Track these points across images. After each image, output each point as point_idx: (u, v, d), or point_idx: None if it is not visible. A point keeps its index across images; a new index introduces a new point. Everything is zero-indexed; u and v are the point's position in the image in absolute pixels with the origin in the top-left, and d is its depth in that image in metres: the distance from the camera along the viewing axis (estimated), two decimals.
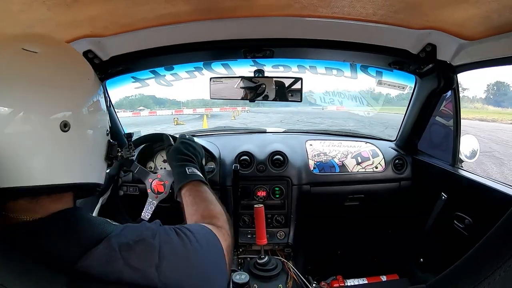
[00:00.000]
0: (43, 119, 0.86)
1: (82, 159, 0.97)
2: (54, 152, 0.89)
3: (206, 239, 1.03)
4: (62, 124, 0.88)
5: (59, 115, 0.88)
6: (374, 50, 2.02)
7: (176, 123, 23.70)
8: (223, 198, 2.57)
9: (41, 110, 0.85)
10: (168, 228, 0.98)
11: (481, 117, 28.67)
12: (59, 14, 1.50)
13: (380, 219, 3.01)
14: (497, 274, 0.66)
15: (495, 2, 1.32)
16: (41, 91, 0.86)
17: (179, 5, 1.60)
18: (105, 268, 0.81)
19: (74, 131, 0.91)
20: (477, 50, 1.79)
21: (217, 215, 1.29)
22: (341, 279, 2.66)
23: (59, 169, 0.91)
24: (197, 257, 0.95)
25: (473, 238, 1.05)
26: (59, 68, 0.94)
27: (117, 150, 1.15)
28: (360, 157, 2.78)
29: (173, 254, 0.90)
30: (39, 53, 0.90)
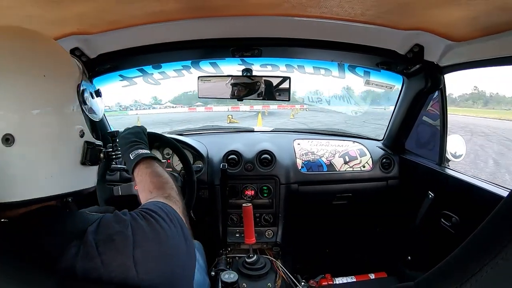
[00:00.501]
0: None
1: (39, 171, 0.87)
2: (2, 169, 0.81)
3: (165, 214, 1.00)
4: (3, 139, 0.79)
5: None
6: (362, 50, 2.04)
7: (229, 121, 22.39)
8: (211, 197, 2.57)
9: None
10: (135, 214, 0.94)
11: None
12: (47, 11, 1.48)
13: (368, 218, 3.03)
14: (484, 271, 0.66)
15: (482, 4, 1.33)
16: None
17: (169, 3, 1.59)
18: (86, 265, 0.80)
19: (21, 144, 0.82)
20: (464, 51, 1.81)
21: (163, 185, 1.28)
22: (329, 278, 2.67)
23: (10, 186, 0.83)
24: (167, 238, 0.94)
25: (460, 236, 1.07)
26: (2, 74, 0.82)
27: (99, 150, 1.05)
28: (348, 156, 2.79)
29: (145, 241, 0.88)
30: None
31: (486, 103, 41.42)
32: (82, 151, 0.99)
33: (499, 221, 0.75)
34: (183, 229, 1.02)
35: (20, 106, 0.82)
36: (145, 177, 1.35)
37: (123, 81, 2.53)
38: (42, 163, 0.87)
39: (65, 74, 0.97)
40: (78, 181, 0.99)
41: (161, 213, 0.99)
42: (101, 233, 0.86)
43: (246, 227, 2.25)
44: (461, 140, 2.40)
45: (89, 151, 1.00)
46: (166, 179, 1.33)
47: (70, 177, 0.96)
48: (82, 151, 0.99)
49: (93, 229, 0.86)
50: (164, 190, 1.24)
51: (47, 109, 0.87)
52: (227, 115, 25.12)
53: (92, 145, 1.01)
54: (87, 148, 0.99)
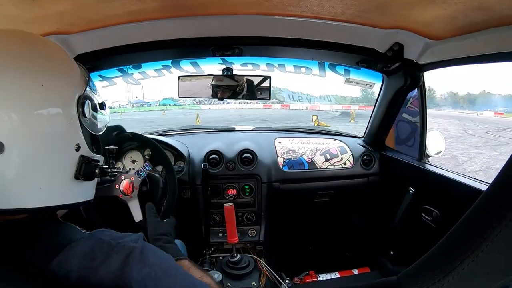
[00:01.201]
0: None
1: (28, 182, 0.85)
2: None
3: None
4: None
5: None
6: (342, 49, 2.05)
7: (316, 123, 19.87)
8: (193, 197, 2.56)
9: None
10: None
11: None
12: (25, 10, 1.45)
13: (350, 214, 3.06)
14: (465, 263, 0.68)
15: (461, 4, 1.35)
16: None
17: (148, 2, 1.58)
18: (83, 271, 0.80)
19: (11, 153, 0.80)
20: (442, 50, 1.84)
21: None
22: (313, 274, 2.69)
23: (3, 194, 0.82)
24: (182, 273, 0.97)
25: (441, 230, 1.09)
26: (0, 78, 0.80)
27: (95, 166, 1.02)
28: (329, 153, 2.81)
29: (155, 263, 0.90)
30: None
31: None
32: (77, 165, 0.95)
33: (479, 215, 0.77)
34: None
35: (12, 113, 0.80)
36: (194, 272, 1.31)
37: (103, 81, 2.50)
38: (32, 174, 0.85)
39: (65, 84, 0.93)
40: (69, 195, 0.96)
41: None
42: (105, 236, 0.90)
43: (228, 226, 2.24)
44: (440, 137, 2.44)
45: (84, 166, 0.96)
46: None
47: (61, 191, 0.93)
48: (76, 165, 0.95)
49: (94, 234, 0.91)
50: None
51: (40, 119, 0.85)
52: (312, 115, 24.78)
53: (88, 160, 0.98)
54: (81, 163, 0.96)
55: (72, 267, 0.80)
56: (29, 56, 0.87)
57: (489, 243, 0.65)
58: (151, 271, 0.87)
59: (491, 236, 0.65)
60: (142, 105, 40.90)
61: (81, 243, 0.85)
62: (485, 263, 0.67)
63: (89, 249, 0.84)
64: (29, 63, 0.85)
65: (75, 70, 0.98)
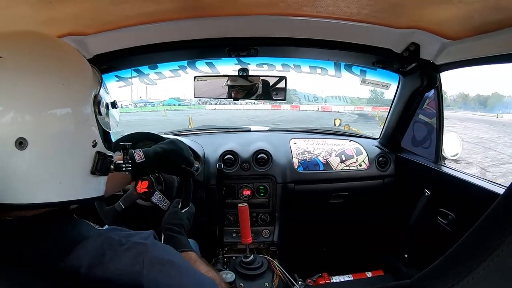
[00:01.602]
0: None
1: (49, 177, 0.87)
2: (12, 171, 0.81)
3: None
4: (17, 142, 0.80)
5: (13, 131, 0.80)
6: (358, 49, 2.04)
7: (346, 128, 18.11)
8: (208, 197, 2.57)
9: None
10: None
11: None
12: (42, 11, 1.47)
13: (364, 216, 3.04)
14: (481, 267, 0.67)
15: (477, 3, 1.34)
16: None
17: (163, 3, 1.59)
18: (92, 267, 0.81)
19: (34, 148, 0.82)
20: (459, 50, 1.82)
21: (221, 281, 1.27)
22: (326, 276, 2.68)
23: (22, 188, 0.84)
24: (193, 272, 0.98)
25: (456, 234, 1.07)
26: (19, 75, 0.82)
27: (109, 161, 1.04)
28: (344, 155, 2.80)
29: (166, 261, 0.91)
30: (2, 58, 0.81)
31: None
32: (93, 161, 0.98)
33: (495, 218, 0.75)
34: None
35: (36, 111, 0.82)
36: (199, 266, 1.34)
37: (119, 81, 2.53)
38: (53, 169, 0.87)
39: (83, 84, 0.96)
40: (85, 189, 0.99)
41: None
42: (115, 235, 0.90)
43: (242, 227, 2.24)
44: (457, 139, 2.41)
45: (100, 162, 0.99)
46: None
47: (78, 185, 0.96)
48: (93, 161, 0.98)
49: (105, 231, 0.92)
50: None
51: (62, 116, 0.87)
52: (335, 119, 24.00)
53: (104, 155, 1.00)
54: (98, 158, 0.98)
55: (82, 263, 0.81)
56: (48, 56, 0.90)
57: (505, 247, 0.64)
58: (162, 269, 0.88)
59: (507, 240, 0.64)
60: (145, 105, 40.54)
61: (91, 240, 0.86)
62: (500, 267, 0.66)
63: (99, 246, 0.85)
64: (49, 63, 0.88)
65: (89, 70, 1.01)
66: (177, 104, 41.20)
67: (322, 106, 38.01)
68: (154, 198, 1.96)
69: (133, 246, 0.88)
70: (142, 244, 0.89)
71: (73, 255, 0.81)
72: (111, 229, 0.92)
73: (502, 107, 38.68)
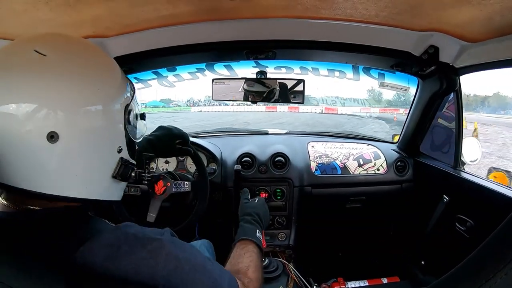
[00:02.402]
0: (31, 128, 0.83)
1: (75, 172, 0.91)
2: (43, 162, 0.86)
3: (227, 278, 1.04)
4: (48, 136, 0.84)
5: (47, 124, 0.84)
6: (377, 52, 2.02)
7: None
8: (224, 199, 2.57)
9: (28, 119, 0.82)
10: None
11: None
12: (62, 14, 1.50)
13: (381, 221, 3.01)
14: (498, 276, 0.66)
15: (497, 4, 1.32)
16: (33, 98, 0.83)
17: (181, 6, 1.60)
18: (107, 260, 0.83)
19: (64, 144, 0.86)
20: (479, 52, 1.79)
21: (253, 278, 1.25)
22: (342, 281, 2.65)
23: (49, 180, 0.88)
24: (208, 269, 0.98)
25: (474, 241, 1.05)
26: (61, 75, 0.88)
27: (131, 169, 1.09)
28: (362, 159, 2.78)
29: (182, 258, 0.92)
30: (48, 57, 0.87)
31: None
32: (116, 165, 1.03)
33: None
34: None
35: (69, 110, 0.87)
36: (248, 259, 1.34)
37: (138, 83, 2.55)
38: (79, 166, 0.92)
39: (117, 92, 1.02)
40: (105, 192, 1.03)
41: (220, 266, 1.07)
42: (132, 229, 0.93)
43: None
44: (476, 143, 2.37)
45: (122, 167, 1.03)
46: (260, 281, 1.30)
47: (99, 186, 1.00)
48: (116, 165, 1.03)
49: (121, 226, 0.93)
50: (251, 282, 1.22)
51: (93, 117, 0.92)
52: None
53: (126, 162, 1.05)
54: (121, 164, 1.03)
55: (96, 257, 0.82)
56: (89, 62, 0.98)
57: None
58: (177, 265, 0.89)
59: None
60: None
61: (107, 234, 0.88)
62: None
63: (115, 239, 0.87)
64: (89, 69, 0.96)
65: (124, 82, 1.07)
66: (161, 106, 40.81)
67: (327, 107, 36.87)
68: (175, 189, 1.97)
69: (149, 241, 0.89)
70: (158, 240, 0.90)
71: (87, 247, 0.83)
72: (127, 225, 0.94)
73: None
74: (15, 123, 0.81)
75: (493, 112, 38.00)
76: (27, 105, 0.82)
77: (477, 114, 36.28)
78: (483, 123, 22.48)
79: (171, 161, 2.57)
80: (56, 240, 0.84)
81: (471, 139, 2.37)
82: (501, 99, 43.60)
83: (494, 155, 14.11)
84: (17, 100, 0.83)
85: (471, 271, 0.78)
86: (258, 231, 1.51)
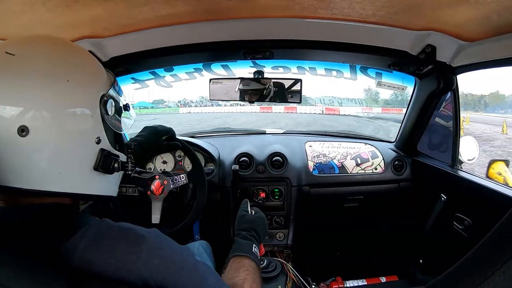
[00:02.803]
0: (1, 123, 0.84)
1: (48, 166, 0.91)
2: (16, 156, 0.86)
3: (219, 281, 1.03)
4: (19, 130, 0.84)
5: (17, 119, 0.84)
6: (374, 51, 2.03)
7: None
8: (222, 199, 2.57)
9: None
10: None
11: None
12: (60, 15, 1.50)
13: (379, 220, 3.01)
14: (497, 275, 0.66)
15: (494, 3, 1.32)
16: (1, 95, 0.85)
17: (179, 6, 1.60)
18: (87, 248, 0.83)
19: (35, 137, 0.86)
20: (476, 51, 1.79)
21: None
22: (340, 280, 2.66)
23: (27, 175, 0.89)
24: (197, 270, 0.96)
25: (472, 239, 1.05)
26: (26, 70, 0.88)
27: (114, 160, 1.07)
28: (360, 158, 2.78)
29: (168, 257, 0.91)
30: (15, 56, 0.88)
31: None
32: (96, 157, 1.01)
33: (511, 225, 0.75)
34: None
35: (38, 103, 0.87)
36: (244, 274, 1.28)
37: (135, 83, 2.55)
38: (52, 159, 0.90)
39: (89, 83, 1.00)
40: (89, 185, 1.02)
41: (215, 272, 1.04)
42: (113, 224, 0.91)
43: None
44: (474, 142, 2.38)
45: (103, 158, 1.01)
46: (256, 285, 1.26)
47: (80, 179, 0.99)
48: (96, 157, 1.01)
49: (103, 221, 0.91)
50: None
51: (63, 110, 0.91)
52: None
53: (107, 152, 1.04)
54: (101, 155, 1.01)
55: (78, 249, 0.82)
56: (60, 57, 0.98)
57: None
58: (161, 263, 0.88)
59: None
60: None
61: (92, 225, 0.88)
62: None
63: (98, 231, 0.87)
64: (59, 63, 0.95)
65: (100, 72, 1.08)
66: (150, 106, 39.97)
67: (328, 107, 36.15)
68: (172, 185, 1.96)
69: (133, 236, 0.88)
70: (142, 236, 0.89)
71: (71, 240, 0.83)
72: (111, 220, 0.93)
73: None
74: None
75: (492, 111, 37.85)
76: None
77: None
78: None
79: (169, 161, 2.57)
80: (41, 235, 0.84)
81: (468, 138, 2.37)
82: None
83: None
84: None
85: (470, 269, 0.78)
86: (254, 246, 1.46)
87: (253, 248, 1.43)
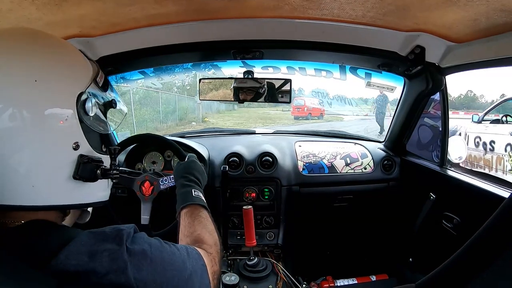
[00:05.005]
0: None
1: (19, 178, 0.82)
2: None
3: (188, 251, 0.99)
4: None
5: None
6: (363, 52, 2.04)
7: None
8: (212, 199, 2.55)
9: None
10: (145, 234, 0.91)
11: None
12: (48, 13, 1.48)
13: (369, 220, 3.03)
14: (485, 272, 0.67)
15: (483, 5, 1.33)
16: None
17: (169, 6, 1.59)
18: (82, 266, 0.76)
19: (2, 147, 0.78)
20: (465, 53, 1.82)
21: (211, 243, 1.20)
22: (331, 280, 2.67)
23: (5, 189, 0.81)
24: (174, 259, 0.91)
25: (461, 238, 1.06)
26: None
27: (96, 166, 0.96)
28: (349, 158, 2.79)
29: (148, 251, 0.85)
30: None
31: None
32: (76, 165, 0.91)
33: (500, 223, 0.75)
34: (202, 273, 0.99)
35: (2, 106, 0.78)
36: (197, 224, 1.30)
37: (125, 83, 2.54)
38: (22, 170, 0.83)
39: (63, 80, 0.90)
40: (73, 195, 0.93)
41: (183, 249, 0.98)
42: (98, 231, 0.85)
43: (247, 229, 2.23)
44: (462, 142, 2.40)
45: (82, 166, 0.92)
46: (218, 241, 1.27)
47: (58, 191, 0.90)
48: (75, 165, 0.91)
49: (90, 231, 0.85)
50: (210, 247, 1.18)
51: (32, 114, 0.82)
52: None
53: (87, 159, 0.94)
54: (79, 163, 0.92)
55: (71, 261, 0.75)
56: (28, 53, 0.86)
57: (509, 251, 0.64)
58: (142, 260, 0.83)
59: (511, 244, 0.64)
60: None
61: (77, 238, 0.81)
62: (505, 271, 0.66)
63: (86, 238, 0.81)
64: (26, 60, 0.84)
65: (77, 67, 0.97)
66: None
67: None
68: (162, 186, 1.97)
69: (116, 232, 0.84)
70: (122, 229, 0.85)
71: (61, 255, 0.76)
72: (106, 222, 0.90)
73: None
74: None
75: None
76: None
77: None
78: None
79: (158, 161, 2.56)
80: (28, 252, 0.78)
81: (457, 138, 2.40)
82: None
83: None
84: None
85: (459, 267, 0.79)
86: (194, 191, 1.45)
87: (193, 192, 1.44)
